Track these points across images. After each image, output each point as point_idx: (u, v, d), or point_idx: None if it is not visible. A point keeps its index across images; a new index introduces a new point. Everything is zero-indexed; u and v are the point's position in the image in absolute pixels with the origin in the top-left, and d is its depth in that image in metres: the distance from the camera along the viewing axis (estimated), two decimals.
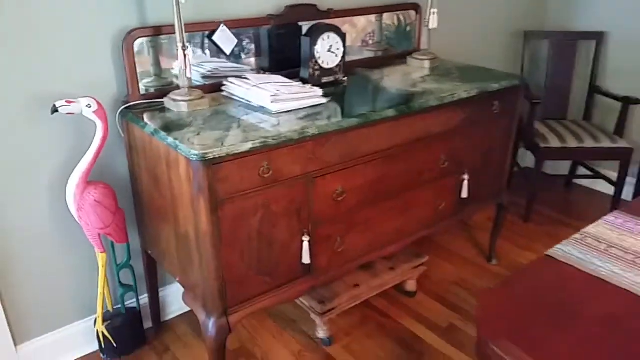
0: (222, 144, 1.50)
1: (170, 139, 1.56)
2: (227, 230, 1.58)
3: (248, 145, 1.52)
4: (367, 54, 2.57)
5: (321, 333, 2.13)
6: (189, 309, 2.24)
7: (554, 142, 2.90)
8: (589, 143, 2.88)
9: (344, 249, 1.92)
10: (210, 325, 1.67)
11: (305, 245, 1.78)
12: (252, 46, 2.17)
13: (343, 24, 2.34)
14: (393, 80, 2.27)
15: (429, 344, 2.14)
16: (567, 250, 1.26)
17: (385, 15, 2.55)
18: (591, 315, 1.07)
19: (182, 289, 1.85)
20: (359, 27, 2.51)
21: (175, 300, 2.27)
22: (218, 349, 1.70)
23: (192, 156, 1.47)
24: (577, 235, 1.33)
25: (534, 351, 0.74)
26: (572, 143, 2.88)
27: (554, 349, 0.75)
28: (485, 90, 2.14)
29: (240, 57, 2.14)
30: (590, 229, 1.36)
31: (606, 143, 2.88)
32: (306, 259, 1.79)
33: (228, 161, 1.51)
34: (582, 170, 3.42)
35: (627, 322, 1.05)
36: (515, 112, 2.34)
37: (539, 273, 1.22)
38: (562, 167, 3.47)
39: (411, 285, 2.40)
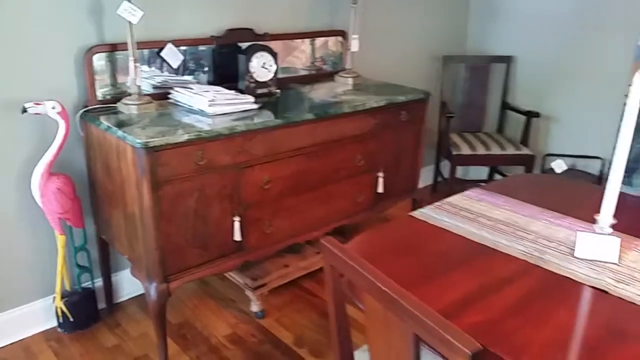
0: (163, 136, 1.86)
1: (120, 132, 1.91)
2: (167, 207, 1.92)
3: (184, 137, 1.88)
4: (302, 72, 2.97)
5: (254, 307, 2.46)
6: (139, 292, 2.55)
7: (465, 150, 3.34)
8: (495, 150, 3.33)
9: (272, 231, 2.28)
10: (153, 290, 1.99)
11: (236, 225, 2.13)
12: (198, 62, 2.54)
13: (283, 46, 2.75)
14: (319, 93, 2.67)
15: (350, 316, 2.48)
16: (425, 212, 1.65)
17: (318, 39, 2.96)
18: (429, 250, 1.45)
19: (133, 275, 2.17)
20: (295, 49, 2.91)
21: (126, 284, 2.57)
22: (159, 311, 2.02)
23: (137, 144, 1.81)
24: (437, 203, 1.72)
25: (381, 267, 1.03)
26: (481, 150, 3.33)
27: (396, 268, 1.07)
28: (393, 102, 2.55)
29: (187, 72, 2.51)
30: (449, 199, 1.76)
31: (511, 150, 3.34)
32: (237, 236, 2.14)
33: (167, 149, 1.86)
34: (497, 176, 3.87)
35: (454, 254, 1.43)
36: (422, 120, 2.76)
37: (399, 226, 1.60)
38: (482, 173, 3.92)
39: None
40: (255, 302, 2.45)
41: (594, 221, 1.44)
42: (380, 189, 2.67)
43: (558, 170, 3.27)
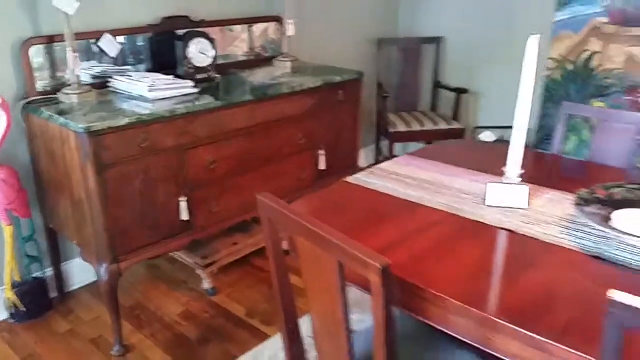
0: (104, 120, 1.92)
1: (62, 120, 1.95)
2: (113, 190, 1.98)
3: (125, 121, 1.95)
4: (242, 58, 3.06)
5: (206, 285, 2.55)
6: (91, 280, 2.59)
7: (401, 128, 3.52)
8: (429, 127, 3.53)
9: (219, 210, 2.37)
10: (103, 271, 2.05)
11: (183, 205, 2.21)
12: (136, 51, 2.59)
13: (223, 34, 2.83)
14: (259, 77, 2.77)
15: (298, 287, 2.61)
16: (358, 177, 1.79)
17: (258, 27, 3.05)
18: (360, 208, 1.59)
19: (83, 264, 2.22)
20: (236, 37, 3.00)
21: (77, 273, 2.60)
22: (112, 291, 2.08)
23: (79, 129, 1.87)
24: (370, 169, 1.87)
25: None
26: (416, 127, 3.52)
27: (329, 224, 1.18)
28: (330, 82, 2.69)
29: (125, 61, 2.56)
30: (380, 165, 1.91)
31: (443, 126, 3.55)
32: (184, 216, 2.23)
33: (109, 133, 1.92)
34: None
35: (382, 210, 1.57)
36: (358, 100, 2.91)
37: (334, 190, 1.73)
38: None
39: (285, 245, 2.88)
40: (207, 280, 2.54)
41: (497, 171, 1.62)
42: (322, 166, 2.80)
43: (487, 141, 3.50)
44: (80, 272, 2.55)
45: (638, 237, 1.28)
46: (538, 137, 3.55)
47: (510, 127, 3.84)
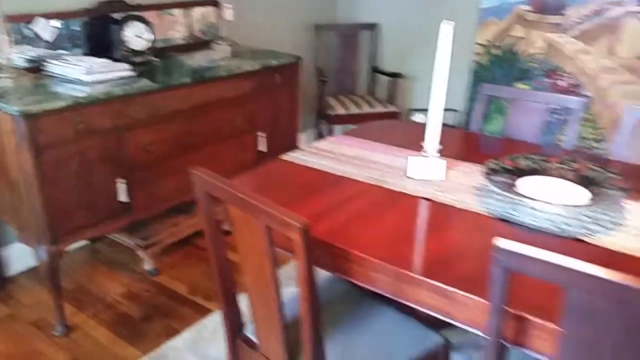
0: (40, 103, 1.93)
1: None
2: (49, 172, 2.00)
3: (61, 103, 1.97)
4: (180, 42, 3.08)
5: (147, 266, 2.60)
6: (31, 265, 2.58)
7: (340, 111, 3.64)
8: (366, 109, 3.67)
9: (158, 191, 2.42)
10: (43, 252, 2.07)
11: (121, 186, 2.24)
12: (71, 35, 2.57)
13: (161, 18, 2.84)
14: (197, 60, 2.81)
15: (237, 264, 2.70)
16: (293, 155, 1.90)
17: (197, 11, 3.08)
18: (292, 183, 1.69)
19: (21, 249, 2.21)
20: (174, 20, 3.01)
21: (16, 259, 2.58)
22: (52, 272, 2.10)
23: (15, 112, 1.87)
24: (305, 148, 1.97)
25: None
26: (354, 110, 3.65)
27: (265, 196, 1.28)
28: (267, 65, 2.76)
29: (61, 45, 2.53)
30: (315, 143, 2.01)
31: (380, 108, 3.70)
32: (123, 197, 2.26)
33: (45, 116, 1.93)
34: None
35: (313, 184, 1.68)
36: (296, 83, 3.00)
37: (269, 168, 1.83)
38: None
39: (227, 225, 2.95)
40: (148, 261, 2.59)
41: (420, 148, 1.76)
42: (262, 148, 2.88)
43: (419, 122, 3.68)
44: (20, 256, 2.53)
45: (537, 200, 1.44)
46: (468, 118, 3.76)
47: (444, 110, 4.03)
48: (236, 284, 1.47)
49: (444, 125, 1.72)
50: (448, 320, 1.19)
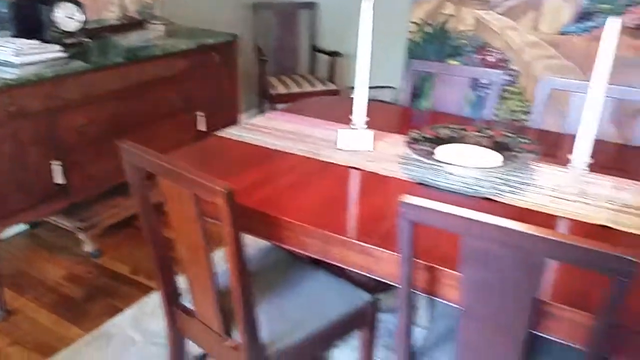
0: None
1: None
2: None
3: None
4: (114, 22, 3.04)
5: (88, 248, 2.59)
6: None
7: (281, 90, 3.69)
8: (306, 88, 3.74)
9: (95, 173, 2.41)
10: None
11: (56, 168, 2.23)
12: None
13: None
14: (132, 40, 2.79)
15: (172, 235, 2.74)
16: (229, 131, 1.95)
17: None
18: (228, 157, 1.75)
19: None
20: (108, 0, 2.96)
21: None
22: None
23: None
24: (241, 124, 2.02)
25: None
26: (294, 89, 3.71)
27: (201, 170, 1.33)
28: (203, 44, 2.78)
29: None
30: (251, 120, 2.07)
31: (320, 87, 3.77)
32: (59, 179, 2.25)
33: None
34: None
35: (248, 158, 1.73)
36: (234, 61, 3.02)
37: (206, 143, 1.87)
38: None
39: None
40: (89, 243, 2.58)
41: (349, 121, 1.85)
42: (202, 127, 2.90)
43: None
44: None
45: (454, 165, 1.55)
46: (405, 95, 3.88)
47: (380, 87, 4.17)
48: (171, 253, 1.51)
49: (379, 101, 1.82)
50: (370, 275, 1.29)
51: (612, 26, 1.35)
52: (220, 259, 1.38)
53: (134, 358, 2.03)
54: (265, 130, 1.97)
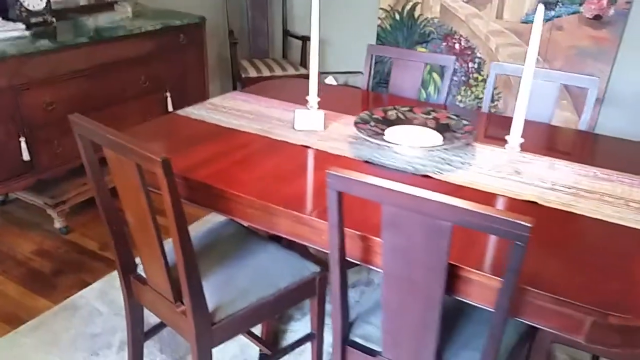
0: None
1: None
2: None
3: None
4: (82, 2, 3.06)
5: (58, 224, 2.65)
6: None
7: (253, 73, 3.75)
8: (278, 72, 3.80)
9: (62, 151, 2.47)
10: None
11: (23, 145, 2.28)
12: None
13: None
14: (99, 20, 2.83)
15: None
16: (187, 110, 2.01)
17: None
18: (183, 134, 1.82)
19: None
20: None
21: None
22: None
23: None
24: (199, 103, 2.09)
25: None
26: (266, 73, 3.77)
27: (161, 146, 1.42)
28: (170, 25, 2.83)
29: None
30: (210, 100, 2.14)
31: (292, 71, 3.83)
32: (26, 156, 2.30)
33: None
34: None
35: (203, 135, 1.81)
36: (202, 43, 3.08)
37: (163, 121, 1.95)
38: None
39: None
40: (58, 219, 2.64)
41: (306, 102, 1.93)
42: (170, 108, 2.96)
43: (330, 84, 3.85)
44: None
45: (399, 144, 1.64)
46: (374, 82, 3.97)
47: (353, 72, 4.24)
48: (124, 224, 1.58)
49: (351, 86, 1.89)
50: (308, 244, 1.38)
51: (539, 12, 1.44)
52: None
53: (98, 328, 2.11)
54: (223, 109, 2.04)
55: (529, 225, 0.93)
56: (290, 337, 2.09)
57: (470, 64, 3.62)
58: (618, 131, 3.19)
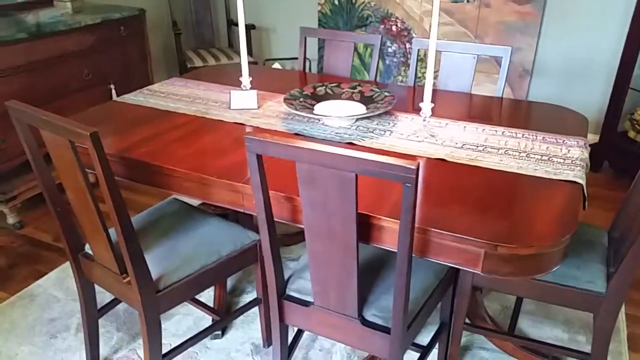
0: None
1: None
2: None
3: None
4: (20, 0, 3.08)
5: (11, 219, 2.70)
6: None
7: (198, 63, 3.83)
8: (224, 61, 3.88)
9: (7, 146, 2.51)
10: None
11: None
12: None
13: None
14: (37, 16, 2.86)
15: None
16: (126, 96, 2.11)
17: None
18: (122, 119, 1.91)
19: None
20: None
21: None
22: None
23: None
24: (139, 90, 2.18)
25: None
26: (212, 62, 3.85)
27: (100, 130, 1.53)
28: (110, 18, 2.88)
29: None
30: (149, 86, 2.23)
31: (237, 60, 3.92)
32: None
33: None
34: None
35: (142, 119, 1.90)
36: (143, 34, 3.14)
37: (101, 108, 2.03)
38: None
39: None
40: (11, 215, 2.69)
41: (239, 85, 2.04)
42: (115, 99, 3.01)
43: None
44: None
45: (327, 117, 1.77)
46: (319, 67, 4.10)
47: (296, 58, 4.30)
48: (68, 206, 1.67)
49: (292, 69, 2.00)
50: (242, 210, 1.50)
51: None
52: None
53: (56, 313, 2.19)
54: (161, 94, 2.14)
55: (413, 167, 1.07)
56: (241, 302, 2.22)
57: (408, 45, 3.79)
58: (548, 100, 3.42)
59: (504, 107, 2.11)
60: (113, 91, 2.99)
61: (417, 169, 1.07)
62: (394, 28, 3.79)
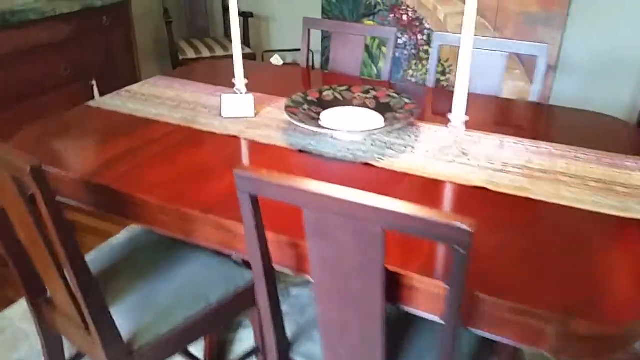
0: None
1: None
2: None
3: None
4: None
5: None
6: None
7: (191, 54, 3.50)
8: (219, 52, 3.55)
9: None
10: None
11: None
12: None
13: None
14: (5, 3, 2.52)
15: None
16: (100, 100, 1.79)
17: None
18: (93, 128, 1.60)
19: None
20: None
21: None
22: None
23: None
24: (116, 92, 1.86)
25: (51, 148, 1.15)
26: (206, 53, 3.52)
27: (58, 145, 1.21)
28: (90, 7, 2.55)
29: None
30: (128, 87, 1.91)
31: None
32: None
33: None
34: None
35: (117, 128, 1.59)
36: (129, 24, 2.81)
37: (71, 115, 1.71)
38: None
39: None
40: None
41: (233, 85, 1.73)
42: (97, 97, 2.70)
43: (276, 64, 3.64)
44: None
45: (337, 130, 1.46)
46: (323, 59, 3.77)
47: (298, 50, 4.01)
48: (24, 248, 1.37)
49: (292, 64, 1.70)
50: (234, 253, 1.20)
51: None
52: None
53: (24, 352, 1.90)
54: (141, 97, 1.82)
55: (469, 230, 0.77)
56: (237, 348, 1.92)
57: (420, 36, 3.46)
58: (574, 98, 3.11)
59: (544, 115, 1.80)
60: (95, 88, 2.67)
61: (474, 232, 0.77)
62: (404, 17, 3.46)
